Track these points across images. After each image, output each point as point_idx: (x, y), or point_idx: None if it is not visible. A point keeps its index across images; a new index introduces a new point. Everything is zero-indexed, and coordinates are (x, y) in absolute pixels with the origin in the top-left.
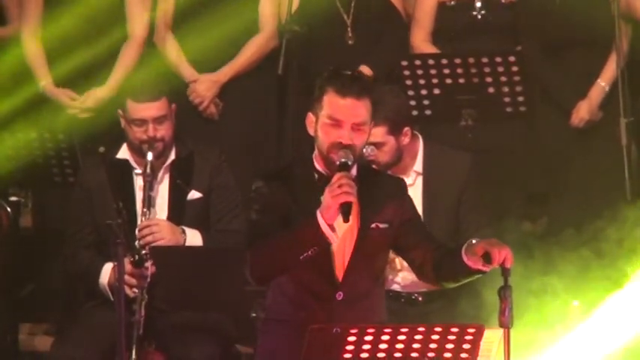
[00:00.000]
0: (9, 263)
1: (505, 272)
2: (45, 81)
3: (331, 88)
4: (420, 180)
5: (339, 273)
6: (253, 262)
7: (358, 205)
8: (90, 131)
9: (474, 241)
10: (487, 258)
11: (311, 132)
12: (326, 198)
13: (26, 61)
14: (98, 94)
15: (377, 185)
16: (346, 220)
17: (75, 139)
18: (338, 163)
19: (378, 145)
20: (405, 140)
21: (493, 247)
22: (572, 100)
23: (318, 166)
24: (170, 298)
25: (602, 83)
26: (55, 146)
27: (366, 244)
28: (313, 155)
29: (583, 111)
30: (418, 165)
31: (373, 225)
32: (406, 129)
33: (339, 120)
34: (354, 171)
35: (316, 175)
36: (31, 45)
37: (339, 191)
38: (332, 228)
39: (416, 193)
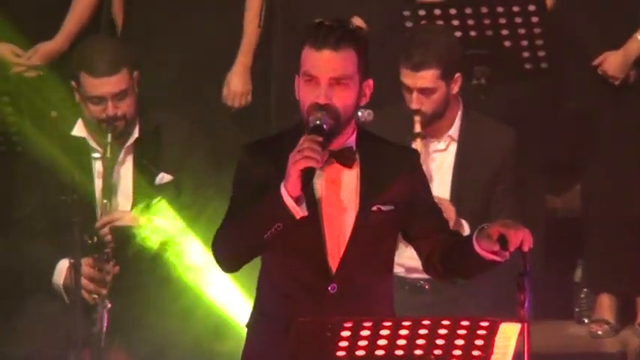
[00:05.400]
0: None
1: (524, 257)
2: None
3: (308, 41)
4: (453, 147)
5: (333, 263)
6: (217, 244)
7: (357, 182)
8: (39, 92)
9: (485, 226)
10: (503, 242)
11: (298, 97)
12: (288, 166)
13: None
14: (47, 49)
15: (381, 157)
16: (304, 188)
17: (22, 102)
18: (311, 126)
19: (426, 92)
20: (455, 88)
21: (509, 228)
22: (597, 47)
23: None
24: None
25: None
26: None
27: (367, 229)
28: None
29: (609, 64)
30: (454, 130)
31: (374, 207)
32: (457, 75)
33: (313, 76)
34: (352, 139)
35: None
36: None
37: (298, 156)
38: (297, 200)
39: (447, 160)
